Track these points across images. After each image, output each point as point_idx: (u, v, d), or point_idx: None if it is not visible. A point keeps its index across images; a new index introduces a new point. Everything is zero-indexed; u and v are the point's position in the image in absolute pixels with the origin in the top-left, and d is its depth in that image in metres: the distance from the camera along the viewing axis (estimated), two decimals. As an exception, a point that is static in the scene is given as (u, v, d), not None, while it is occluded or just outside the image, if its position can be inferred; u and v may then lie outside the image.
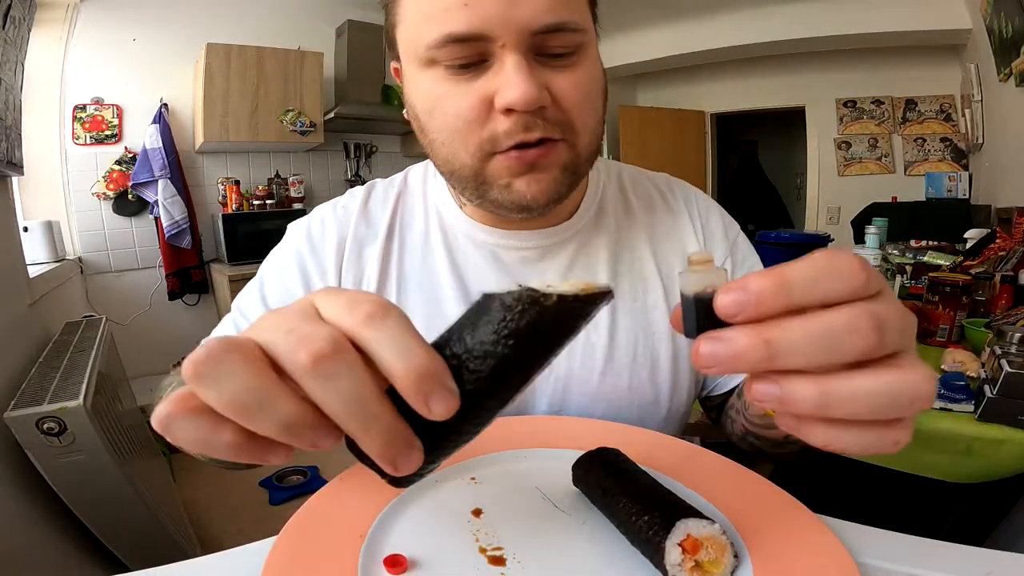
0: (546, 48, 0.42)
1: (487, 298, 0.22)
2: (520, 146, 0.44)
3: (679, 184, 0.64)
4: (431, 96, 0.45)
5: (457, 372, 0.21)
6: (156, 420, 0.21)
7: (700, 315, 0.22)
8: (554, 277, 0.56)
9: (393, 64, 0.51)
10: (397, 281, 0.56)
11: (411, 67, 0.46)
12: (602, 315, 0.54)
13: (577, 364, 0.54)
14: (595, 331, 0.54)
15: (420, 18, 0.42)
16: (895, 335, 0.20)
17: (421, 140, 0.49)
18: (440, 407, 0.21)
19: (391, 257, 0.57)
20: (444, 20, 0.40)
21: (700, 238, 0.59)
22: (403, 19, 0.45)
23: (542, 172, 0.45)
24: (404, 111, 0.51)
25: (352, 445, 0.22)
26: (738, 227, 0.63)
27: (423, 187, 0.60)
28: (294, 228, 0.60)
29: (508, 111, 0.42)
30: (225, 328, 0.57)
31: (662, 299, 0.56)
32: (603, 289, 0.22)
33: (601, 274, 0.56)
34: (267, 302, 0.56)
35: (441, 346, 0.22)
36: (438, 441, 0.23)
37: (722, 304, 0.21)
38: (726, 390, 0.59)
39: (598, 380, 0.54)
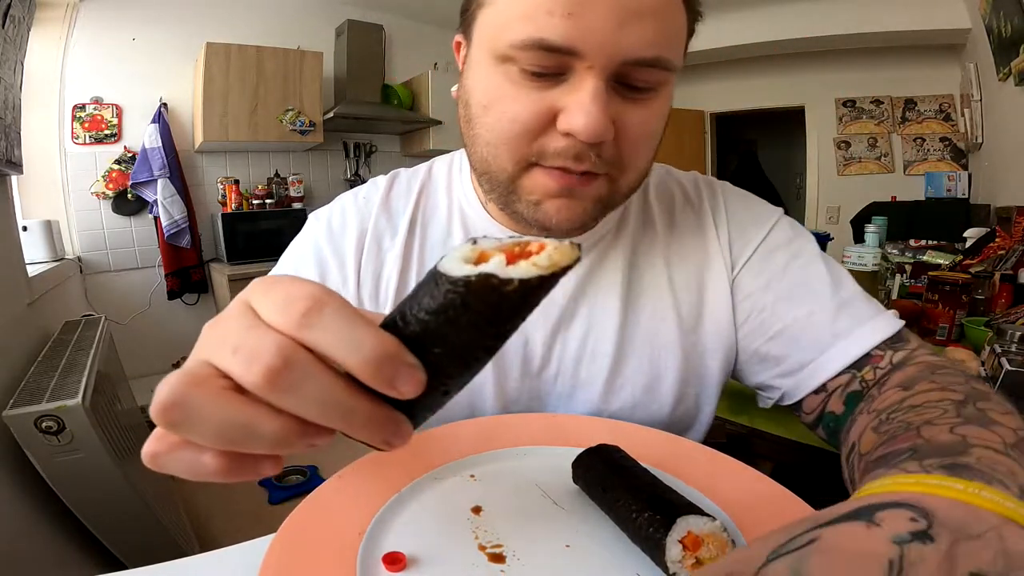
0: (629, 79, 0.39)
1: (440, 277, 0.20)
2: (564, 168, 0.42)
3: (706, 183, 0.60)
4: (494, 93, 0.41)
5: (418, 340, 0.20)
6: (146, 458, 0.21)
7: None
8: (571, 286, 0.53)
9: (456, 37, 0.47)
10: (417, 277, 0.55)
11: (481, 54, 0.42)
12: (610, 328, 0.52)
13: (583, 374, 0.53)
14: (602, 341, 0.52)
15: (514, 12, 0.38)
16: None
17: (464, 130, 0.46)
18: (408, 386, 0.20)
19: (412, 252, 0.55)
20: (540, 24, 0.37)
21: (723, 239, 0.55)
22: (493, 3, 0.40)
23: (576, 200, 0.43)
24: (454, 89, 0.48)
25: None
26: (779, 212, 0.57)
27: (447, 181, 0.58)
28: (314, 219, 0.58)
29: (568, 134, 0.39)
30: None
31: (671, 308, 0.53)
32: (571, 262, 0.19)
33: (616, 288, 0.53)
34: None
35: (398, 320, 0.21)
36: (421, 406, 0.22)
37: None
38: (806, 393, 0.49)
39: (602, 391, 0.53)
